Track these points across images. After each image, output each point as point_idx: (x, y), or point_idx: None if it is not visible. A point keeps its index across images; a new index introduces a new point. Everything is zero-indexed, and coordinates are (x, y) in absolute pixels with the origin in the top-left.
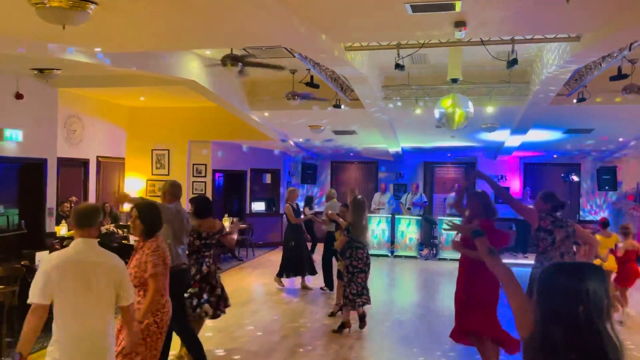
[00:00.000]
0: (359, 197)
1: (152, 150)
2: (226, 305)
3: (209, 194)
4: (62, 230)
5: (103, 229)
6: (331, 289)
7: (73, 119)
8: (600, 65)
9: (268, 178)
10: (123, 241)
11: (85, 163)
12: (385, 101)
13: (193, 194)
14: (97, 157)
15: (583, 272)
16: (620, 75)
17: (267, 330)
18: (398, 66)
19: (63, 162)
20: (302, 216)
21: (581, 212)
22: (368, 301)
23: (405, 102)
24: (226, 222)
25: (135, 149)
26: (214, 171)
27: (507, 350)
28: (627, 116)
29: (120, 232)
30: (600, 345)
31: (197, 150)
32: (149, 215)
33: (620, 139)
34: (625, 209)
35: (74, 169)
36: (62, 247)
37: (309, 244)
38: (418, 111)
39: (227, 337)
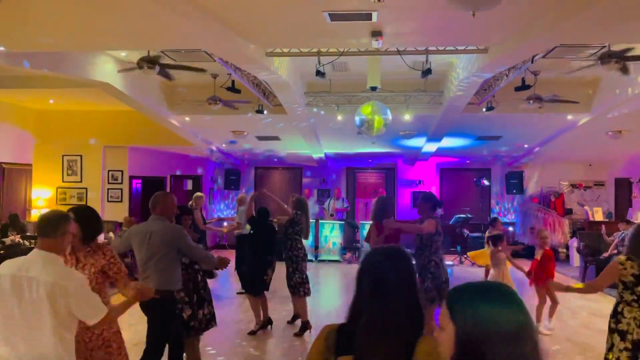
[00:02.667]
0: (301, 197)
1: (63, 155)
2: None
3: (125, 202)
4: None
5: (8, 240)
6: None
7: None
8: (507, 76)
9: (189, 184)
10: None
11: None
12: (308, 107)
13: (108, 201)
14: (1, 163)
15: (392, 253)
16: (524, 86)
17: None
18: (319, 73)
19: None
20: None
21: (492, 215)
22: (309, 292)
23: (327, 108)
24: None
25: (44, 154)
26: (131, 177)
27: None
28: (531, 124)
29: (27, 243)
30: (398, 312)
31: (112, 156)
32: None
33: (526, 146)
34: (530, 211)
35: None
36: None
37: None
38: (339, 118)
39: None
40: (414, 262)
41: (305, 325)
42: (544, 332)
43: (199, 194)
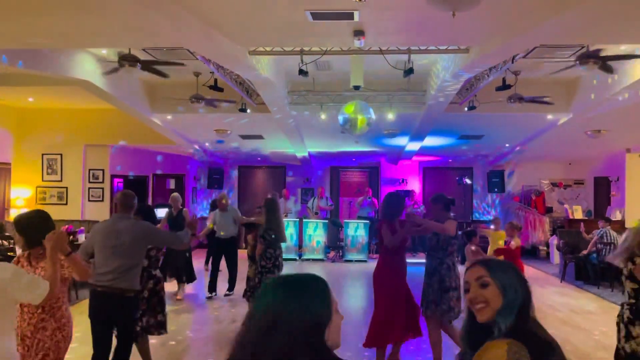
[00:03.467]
0: (270, 196)
1: (43, 154)
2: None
3: (106, 202)
4: None
5: None
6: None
7: None
8: (488, 76)
9: (172, 183)
10: (8, 253)
11: None
12: (292, 106)
13: (89, 201)
14: None
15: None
16: (504, 86)
17: (171, 339)
18: (302, 72)
19: None
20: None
21: (474, 213)
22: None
23: (310, 107)
24: None
25: (24, 153)
26: (113, 177)
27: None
28: (512, 124)
29: (5, 243)
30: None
31: (93, 154)
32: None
33: (507, 145)
34: (512, 209)
35: None
36: None
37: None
38: (323, 117)
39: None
40: (424, 263)
41: None
42: None
43: (173, 194)
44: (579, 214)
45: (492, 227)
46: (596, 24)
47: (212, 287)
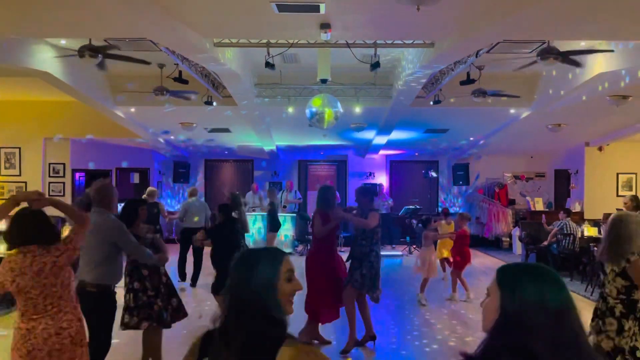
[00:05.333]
0: (232, 194)
1: (1, 148)
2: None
3: (68, 196)
4: None
5: None
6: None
7: None
8: (453, 70)
9: (136, 178)
10: None
11: None
12: (259, 99)
13: (50, 196)
14: None
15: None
16: (468, 80)
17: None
18: (268, 64)
19: None
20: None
21: (440, 205)
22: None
23: (278, 100)
24: None
25: None
26: (74, 171)
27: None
28: (476, 117)
29: None
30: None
31: (53, 148)
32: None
33: (472, 138)
34: (476, 202)
35: None
36: None
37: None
38: (290, 110)
39: None
40: (350, 249)
41: None
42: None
43: (150, 188)
44: (540, 206)
45: (443, 221)
46: (555, 20)
47: (182, 276)
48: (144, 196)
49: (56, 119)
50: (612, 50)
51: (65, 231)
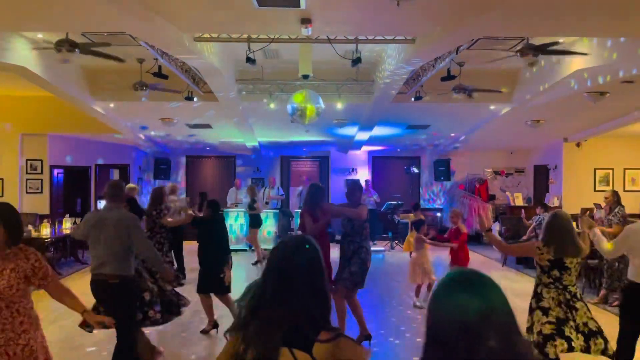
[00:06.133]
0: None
1: None
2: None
3: (46, 193)
4: None
5: None
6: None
7: None
8: (434, 66)
9: (116, 174)
10: None
11: None
12: (240, 95)
13: (27, 193)
14: None
15: (302, 242)
16: (449, 76)
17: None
18: (249, 60)
19: None
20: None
21: (422, 201)
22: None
23: (259, 96)
24: (67, 223)
25: None
26: (52, 167)
27: None
28: (457, 114)
29: None
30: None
31: (30, 144)
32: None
33: (453, 134)
34: (457, 197)
35: None
36: None
37: None
38: (272, 106)
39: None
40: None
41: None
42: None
43: (130, 184)
44: (519, 201)
45: (411, 214)
46: (534, 17)
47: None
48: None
49: (34, 114)
50: (586, 54)
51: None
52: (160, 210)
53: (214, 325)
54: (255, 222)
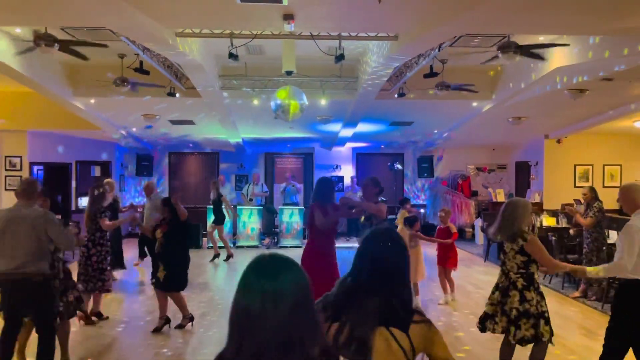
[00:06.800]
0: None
1: None
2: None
3: None
4: None
5: None
6: None
7: None
8: (417, 63)
9: (97, 171)
10: None
11: None
12: (223, 91)
13: (6, 190)
14: None
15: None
16: (432, 73)
17: (96, 335)
18: (232, 56)
19: None
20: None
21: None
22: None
23: (243, 92)
24: None
25: None
26: (32, 164)
27: None
28: (440, 110)
29: None
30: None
31: (10, 140)
32: None
33: (436, 131)
34: (440, 193)
35: None
36: None
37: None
38: (255, 102)
39: None
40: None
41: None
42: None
43: (107, 180)
44: (501, 197)
45: (403, 210)
46: (515, 14)
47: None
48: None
49: (12, 109)
50: (567, 44)
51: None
52: (102, 211)
53: (167, 320)
54: (218, 218)
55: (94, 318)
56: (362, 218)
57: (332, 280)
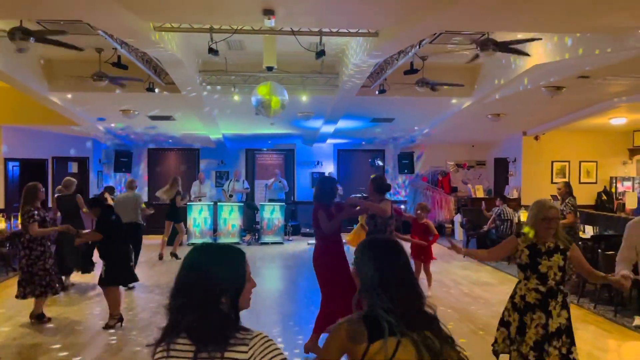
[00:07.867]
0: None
1: None
2: None
3: (1, 187)
4: None
5: None
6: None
7: None
8: (397, 60)
9: (74, 167)
10: None
11: None
12: (203, 87)
13: None
14: None
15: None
16: (412, 70)
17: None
18: (212, 51)
19: None
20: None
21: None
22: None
23: (223, 88)
24: None
25: None
26: (7, 160)
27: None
28: (420, 107)
29: None
30: None
31: None
32: None
33: (416, 128)
34: (420, 190)
35: None
36: None
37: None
38: (236, 98)
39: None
40: None
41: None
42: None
43: (68, 178)
44: (480, 193)
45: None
46: (493, 12)
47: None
48: (59, 187)
49: None
50: (540, 39)
51: None
52: (31, 215)
53: (120, 318)
54: (173, 215)
55: (32, 320)
56: (366, 216)
57: (343, 283)
